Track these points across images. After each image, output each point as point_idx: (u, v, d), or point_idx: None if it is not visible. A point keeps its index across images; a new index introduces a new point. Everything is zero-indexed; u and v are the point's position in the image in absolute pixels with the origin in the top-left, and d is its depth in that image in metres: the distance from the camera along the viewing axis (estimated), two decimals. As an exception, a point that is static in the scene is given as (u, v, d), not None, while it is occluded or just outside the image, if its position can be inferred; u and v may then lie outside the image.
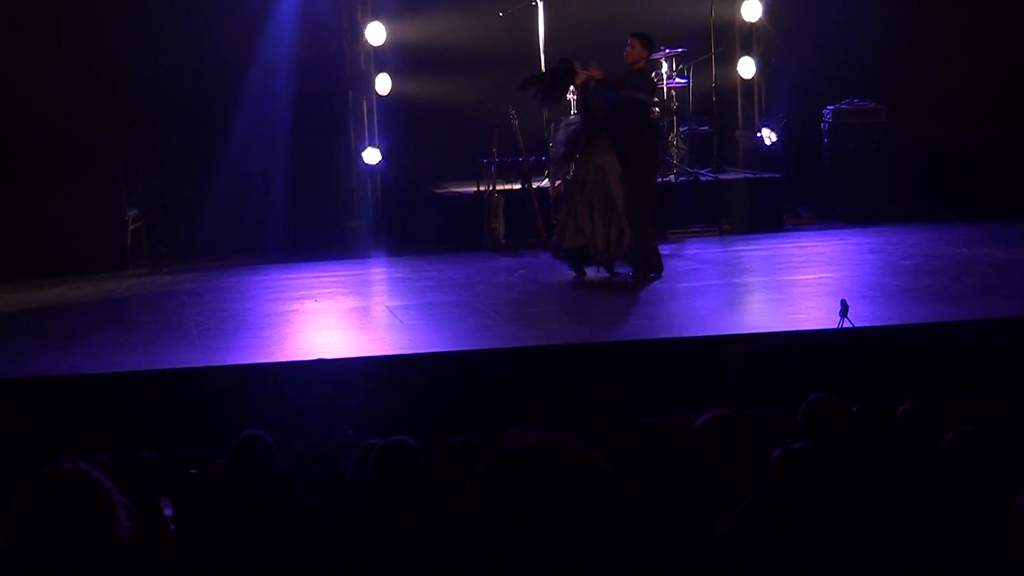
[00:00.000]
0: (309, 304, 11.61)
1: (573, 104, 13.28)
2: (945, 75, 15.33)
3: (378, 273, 13.63)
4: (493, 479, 2.05)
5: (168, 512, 6.04)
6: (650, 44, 11.94)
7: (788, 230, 14.62)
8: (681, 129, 15.15)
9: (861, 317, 9.54)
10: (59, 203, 13.47)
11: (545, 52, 14.42)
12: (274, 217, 14.53)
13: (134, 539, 3.86)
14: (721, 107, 15.50)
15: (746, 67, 15.90)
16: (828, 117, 15.21)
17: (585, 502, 1.99)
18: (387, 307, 11.54)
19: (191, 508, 5.75)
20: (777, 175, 15.04)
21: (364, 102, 15.17)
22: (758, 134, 15.78)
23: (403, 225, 14.98)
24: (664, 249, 13.63)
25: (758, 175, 15.08)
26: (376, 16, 15.04)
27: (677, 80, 14.93)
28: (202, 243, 14.30)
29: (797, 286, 11.72)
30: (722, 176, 15.07)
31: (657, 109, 12.18)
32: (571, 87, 12.25)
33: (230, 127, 14.54)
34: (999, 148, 15.09)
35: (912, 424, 5.72)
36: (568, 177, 12.05)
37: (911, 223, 14.39)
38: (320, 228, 14.64)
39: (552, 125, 14.11)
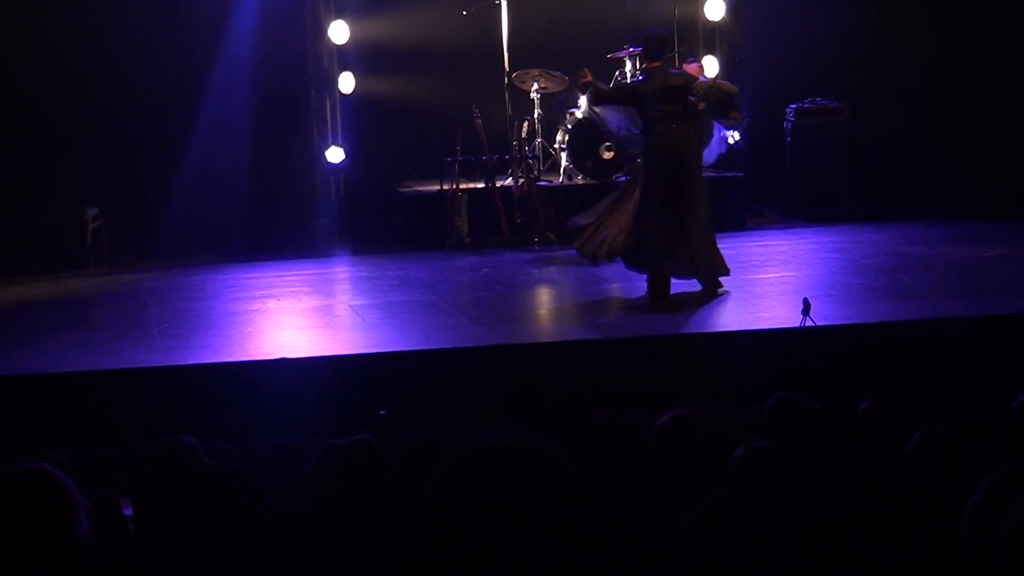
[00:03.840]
0: (272, 303, 11.57)
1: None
2: (907, 74, 15.40)
3: (341, 272, 13.59)
4: (454, 477, 2.05)
5: (128, 512, 6.00)
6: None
7: (751, 229, 14.64)
8: (645, 128, 15.15)
9: (823, 316, 9.57)
10: (18, 201, 13.37)
11: (509, 51, 14.41)
12: (237, 216, 14.45)
13: (94, 539, 3.83)
14: (684, 106, 15.50)
15: (709, 66, 15.92)
16: (791, 116, 15.25)
17: (546, 500, 1.98)
18: (350, 306, 11.52)
19: (151, 508, 5.71)
20: (740, 174, 15.06)
21: (327, 101, 15.11)
22: (721, 133, 15.80)
23: (367, 224, 14.94)
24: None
25: (721, 174, 15.09)
26: (339, 14, 14.98)
27: (641, 78, 14.91)
28: (164, 242, 14.19)
29: (760, 285, 11.74)
30: (686, 175, 15.06)
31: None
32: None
33: (193, 126, 14.46)
34: (961, 147, 15.18)
35: (873, 422, 5.75)
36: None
37: (873, 222, 14.44)
38: (283, 227, 14.58)
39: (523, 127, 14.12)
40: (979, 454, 5.00)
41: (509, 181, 14.27)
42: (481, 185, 14.33)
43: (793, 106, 15.23)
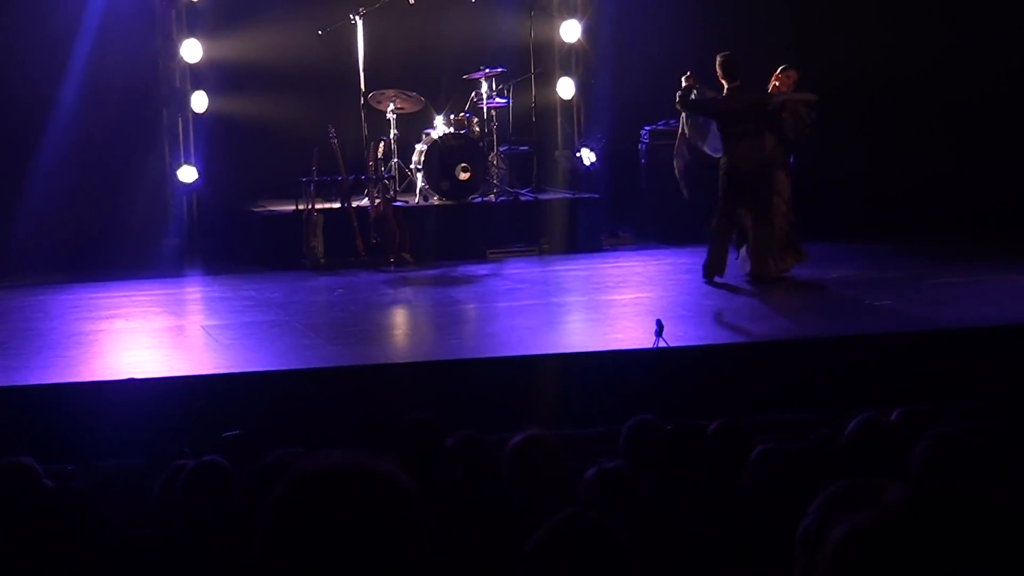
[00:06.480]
0: (120, 323, 11.35)
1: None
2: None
3: (194, 292, 13.39)
4: (292, 497, 2.02)
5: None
6: (723, 68, 12.42)
7: (606, 250, 14.75)
8: (501, 149, 15.22)
9: (676, 337, 9.66)
10: None
11: (364, 71, 14.36)
12: (85, 235, 14.16)
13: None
14: (541, 127, 15.59)
15: (565, 87, 16.04)
16: (645, 138, 15.39)
17: (382, 522, 1.96)
18: (202, 327, 11.34)
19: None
20: (596, 195, 15.18)
21: (180, 120, 14.92)
22: (577, 154, 15.92)
23: (220, 244, 14.75)
24: (483, 269, 13.71)
25: (577, 195, 15.21)
26: (192, 33, 14.80)
27: (497, 100, 14.99)
28: (6, 261, 13.78)
29: (614, 306, 11.83)
30: (542, 196, 15.16)
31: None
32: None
33: (40, 144, 14.13)
34: (811, 168, 15.43)
35: (721, 443, 5.79)
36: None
37: (725, 243, 14.59)
38: (133, 246, 14.30)
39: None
40: (819, 475, 5.07)
41: (365, 201, 14.21)
42: (337, 205, 14.24)
43: (647, 128, 15.38)
